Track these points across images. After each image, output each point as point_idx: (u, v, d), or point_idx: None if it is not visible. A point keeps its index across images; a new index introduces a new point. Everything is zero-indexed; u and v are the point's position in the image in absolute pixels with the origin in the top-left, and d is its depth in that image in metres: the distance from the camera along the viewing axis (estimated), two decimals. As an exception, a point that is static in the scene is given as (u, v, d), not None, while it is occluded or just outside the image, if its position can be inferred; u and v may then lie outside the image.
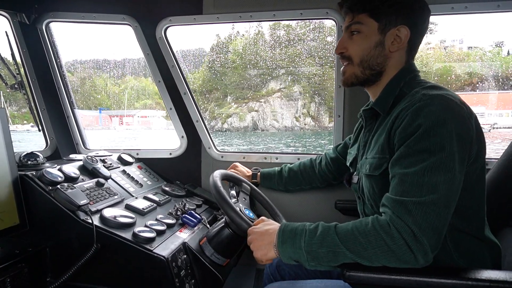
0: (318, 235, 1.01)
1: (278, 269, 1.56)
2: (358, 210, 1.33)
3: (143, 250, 1.28)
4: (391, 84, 1.17)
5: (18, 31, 2.03)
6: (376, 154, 1.12)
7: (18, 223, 1.33)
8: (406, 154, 0.98)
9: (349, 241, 0.96)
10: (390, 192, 1.00)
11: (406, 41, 1.15)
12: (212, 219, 1.79)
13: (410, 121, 0.99)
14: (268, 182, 1.85)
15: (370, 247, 0.93)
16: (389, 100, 1.15)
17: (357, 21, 1.16)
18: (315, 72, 8.28)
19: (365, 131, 1.28)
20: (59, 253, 1.39)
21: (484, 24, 8.91)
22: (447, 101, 0.99)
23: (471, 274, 0.93)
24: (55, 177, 1.46)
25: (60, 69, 2.25)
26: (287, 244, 1.04)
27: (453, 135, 0.94)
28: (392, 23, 1.13)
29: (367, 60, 1.17)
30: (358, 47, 1.17)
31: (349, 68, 1.21)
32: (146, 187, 1.93)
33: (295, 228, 1.06)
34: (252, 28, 8.18)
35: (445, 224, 0.93)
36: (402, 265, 0.93)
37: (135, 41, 2.12)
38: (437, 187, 0.92)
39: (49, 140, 2.22)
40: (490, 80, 6.89)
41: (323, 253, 0.98)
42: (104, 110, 8.48)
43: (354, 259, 0.96)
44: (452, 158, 0.94)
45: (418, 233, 0.89)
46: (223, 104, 8.14)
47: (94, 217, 1.35)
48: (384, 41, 1.15)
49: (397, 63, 1.18)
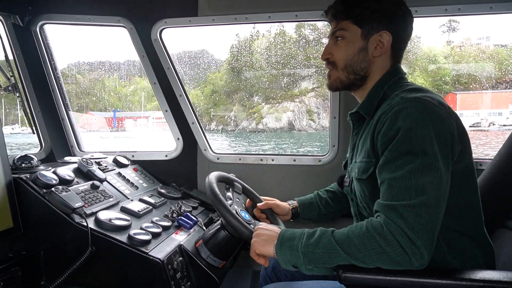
0: (315, 237, 1.02)
1: (274, 270, 1.55)
2: (351, 213, 1.34)
3: (139, 253, 1.27)
4: (376, 88, 1.20)
5: (11, 33, 2.02)
6: (364, 158, 1.14)
7: (12, 226, 1.32)
8: (391, 159, 1.00)
9: (344, 243, 0.97)
10: (381, 198, 1.01)
11: (389, 46, 1.18)
12: (208, 221, 1.79)
13: (390, 125, 1.01)
14: (308, 208, 1.62)
15: (364, 249, 0.94)
16: (373, 103, 1.18)
17: (341, 28, 1.20)
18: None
19: (353, 134, 1.31)
20: (53, 257, 1.38)
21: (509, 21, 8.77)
22: (424, 102, 1.01)
23: (465, 275, 0.94)
24: (50, 179, 1.45)
25: (54, 71, 2.24)
26: (285, 246, 1.05)
27: (432, 135, 0.96)
28: (374, 29, 1.17)
29: (351, 65, 1.20)
30: (343, 53, 1.21)
31: (334, 72, 1.25)
32: (142, 190, 1.92)
33: (295, 232, 1.08)
34: (273, 27, 7.98)
35: (437, 224, 0.94)
36: (396, 267, 0.93)
37: (131, 43, 2.11)
38: (425, 188, 0.93)
39: (43, 142, 2.20)
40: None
41: (319, 254, 0.99)
42: (118, 111, 8.38)
43: (349, 261, 0.97)
44: (436, 158, 0.95)
45: (412, 236, 0.90)
46: (250, 104, 7.96)
47: (89, 220, 1.34)
48: (367, 47, 1.19)
49: (381, 67, 1.21)
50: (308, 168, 2.10)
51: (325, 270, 1.02)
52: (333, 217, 1.65)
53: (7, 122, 7.05)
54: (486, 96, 6.83)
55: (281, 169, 2.13)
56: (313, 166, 2.09)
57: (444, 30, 6.92)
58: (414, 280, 0.93)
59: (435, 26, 6.98)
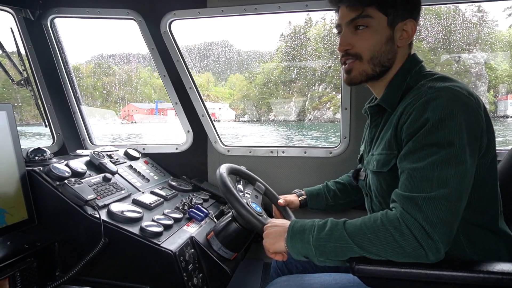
0: (326, 230, 1.00)
1: (285, 263, 1.55)
2: (365, 207, 1.32)
3: (151, 245, 1.28)
4: (397, 79, 1.13)
5: (23, 27, 2.03)
6: (383, 150, 1.10)
7: (27, 218, 1.34)
8: (414, 149, 0.96)
9: (357, 236, 0.95)
10: (399, 188, 0.98)
11: (413, 35, 1.12)
12: (219, 213, 1.79)
13: (418, 116, 0.96)
14: (315, 199, 1.62)
15: (378, 243, 0.92)
16: (396, 95, 1.12)
17: (366, 15, 1.08)
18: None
19: (371, 127, 1.25)
20: (67, 248, 1.40)
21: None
22: (455, 92, 0.96)
23: (482, 267, 0.91)
24: (62, 172, 1.46)
25: (65, 65, 2.25)
26: (296, 239, 1.04)
27: (463, 127, 0.92)
28: (400, 17, 1.09)
29: (378, 56, 1.11)
30: (368, 43, 1.10)
31: (357, 65, 1.14)
32: (153, 182, 1.93)
33: (305, 224, 1.06)
34: (327, 14, 7.60)
35: (457, 218, 0.91)
36: (412, 261, 0.91)
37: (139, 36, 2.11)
38: (447, 181, 0.90)
39: (56, 136, 2.23)
40: None
41: (331, 248, 0.97)
42: (160, 102, 8.32)
43: (362, 253, 0.95)
44: (463, 151, 0.91)
45: (429, 229, 0.88)
46: (314, 94, 7.66)
47: (101, 212, 1.36)
48: (393, 36, 1.10)
49: (402, 58, 1.15)
50: (319, 160, 2.08)
51: (337, 262, 1.00)
52: (341, 208, 1.64)
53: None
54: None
55: (291, 162, 2.12)
56: (324, 158, 2.07)
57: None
58: (429, 273, 0.91)
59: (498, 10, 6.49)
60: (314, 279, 1.25)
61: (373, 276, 0.95)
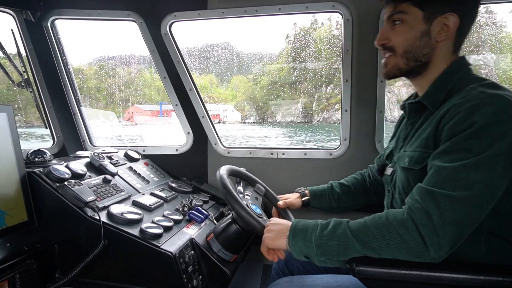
0: (329, 228, 1.00)
1: (287, 264, 1.54)
2: (384, 204, 1.30)
3: (151, 246, 1.28)
4: (443, 78, 1.11)
5: (23, 29, 2.04)
6: (418, 148, 1.08)
7: (26, 219, 1.34)
8: (450, 150, 0.94)
9: (361, 233, 0.95)
10: (423, 182, 0.96)
11: (455, 29, 1.08)
12: (219, 215, 1.79)
13: (463, 118, 0.93)
14: (318, 199, 1.62)
15: (381, 239, 0.92)
16: (440, 94, 1.10)
17: (400, 10, 1.10)
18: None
19: (407, 123, 1.23)
20: (67, 249, 1.39)
21: None
22: (506, 101, 0.92)
23: (483, 269, 0.91)
24: (62, 173, 1.46)
25: (66, 66, 2.25)
26: (298, 237, 1.04)
27: (506, 137, 0.89)
28: (439, 11, 1.07)
29: (412, 51, 1.11)
30: (402, 37, 1.11)
31: (392, 59, 1.16)
32: (153, 184, 1.93)
33: (308, 223, 1.06)
34: (333, 16, 7.55)
35: (471, 224, 0.89)
36: (412, 258, 0.91)
37: (140, 38, 2.11)
38: (473, 185, 0.88)
39: (56, 137, 2.23)
40: None
41: (333, 246, 0.98)
42: (165, 104, 8.35)
43: (363, 252, 0.95)
44: (497, 160, 0.88)
45: (439, 226, 0.86)
46: (321, 95, 7.64)
47: (101, 214, 1.35)
48: (430, 31, 1.09)
49: (445, 53, 1.12)
50: (319, 162, 2.08)
51: (338, 262, 1.00)
52: (344, 211, 1.64)
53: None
54: None
55: (291, 163, 2.12)
56: (324, 160, 2.07)
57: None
58: (430, 274, 0.90)
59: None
60: (316, 280, 1.24)
61: (374, 277, 0.95)
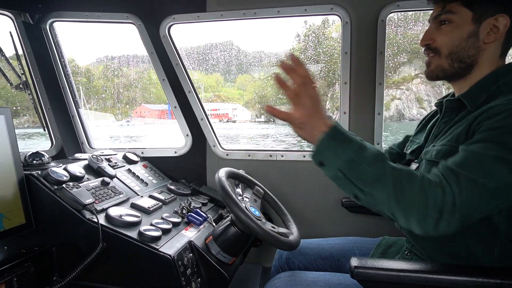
0: (371, 152, 0.91)
1: (287, 261, 1.53)
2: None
3: (149, 249, 1.28)
4: (488, 79, 1.07)
5: (22, 31, 2.03)
6: (448, 142, 1.04)
7: (24, 222, 1.34)
8: (484, 139, 0.90)
9: (396, 173, 0.88)
10: (448, 160, 0.91)
11: (505, 31, 1.04)
12: (217, 217, 1.79)
13: (506, 117, 0.90)
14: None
15: (408, 186, 0.86)
16: (482, 94, 1.05)
17: (448, 10, 1.07)
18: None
19: (441, 122, 1.19)
20: (65, 252, 1.39)
21: None
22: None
23: (482, 272, 0.91)
24: (61, 176, 1.46)
25: (64, 69, 2.25)
26: (338, 140, 0.91)
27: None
28: (489, 12, 1.03)
29: (457, 52, 1.07)
30: (448, 38, 1.08)
31: (435, 60, 1.12)
32: (152, 186, 1.92)
33: (350, 134, 0.95)
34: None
35: (481, 212, 0.87)
36: (418, 224, 0.86)
37: (139, 40, 2.11)
38: (498, 176, 0.85)
39: (54, 139, 2.22)
40: None
41: (368, 171, 0.88)
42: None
43: (386, 197, 0.87)
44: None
45: (458, 204, 0.83)
46: (335, 94, 7.58)
47: (99, 216, 1.35)
48: (479, 32, 1.05)
49: (492, 56, 1.07)
50: None
51: (348, 189, 0.92)
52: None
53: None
54: None
55: (290, 165, 2.12)
56: None
57: None
58: (428, 277, 0.91)
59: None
60: (318, 277, 1.24)
61: (372, 279, 0.95)
